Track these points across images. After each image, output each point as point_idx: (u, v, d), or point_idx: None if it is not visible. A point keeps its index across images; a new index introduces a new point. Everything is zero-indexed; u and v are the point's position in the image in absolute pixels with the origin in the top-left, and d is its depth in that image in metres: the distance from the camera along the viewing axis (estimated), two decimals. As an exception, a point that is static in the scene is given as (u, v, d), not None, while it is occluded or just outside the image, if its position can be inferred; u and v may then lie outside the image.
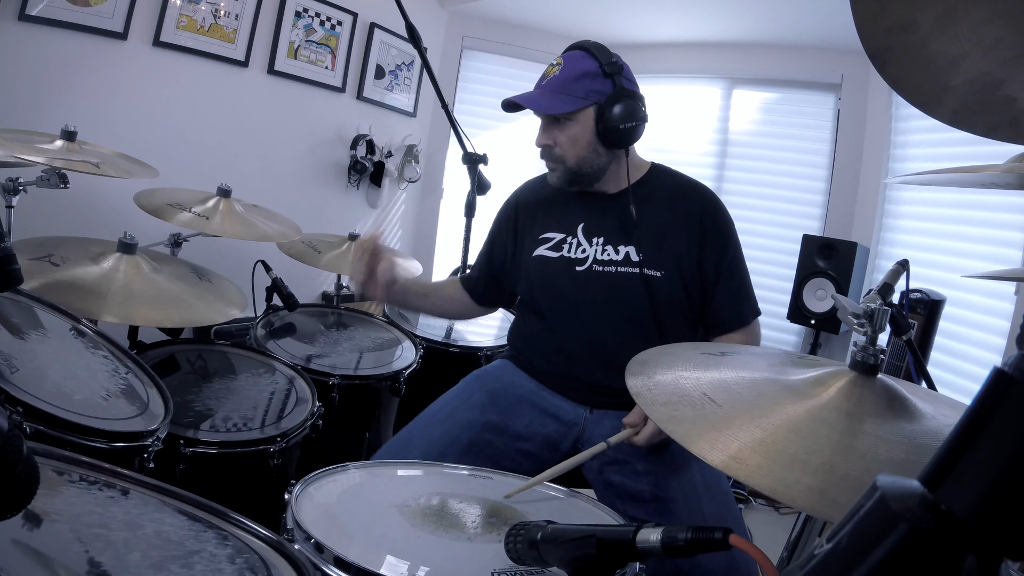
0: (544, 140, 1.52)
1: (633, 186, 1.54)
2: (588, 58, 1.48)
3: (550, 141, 1.51)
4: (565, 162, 1.51)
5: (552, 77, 1.49)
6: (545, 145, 1.52)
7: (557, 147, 1.51)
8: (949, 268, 2.84)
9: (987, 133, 0.64)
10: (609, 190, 1.57)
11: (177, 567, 0.77)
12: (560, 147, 1.51)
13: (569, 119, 1.48)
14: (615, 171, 1.54)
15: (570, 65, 1.48)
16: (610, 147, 1.50)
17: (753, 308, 1.56)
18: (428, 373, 2.13)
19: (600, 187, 1.57)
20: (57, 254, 1.54)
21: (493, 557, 0.89)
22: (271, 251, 2.34)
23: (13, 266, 0.75)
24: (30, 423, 0.98)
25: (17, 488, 0.53)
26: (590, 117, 1.48)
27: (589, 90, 1.47)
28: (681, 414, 0.79)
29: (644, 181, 1.57)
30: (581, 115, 1.48)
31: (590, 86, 1.47)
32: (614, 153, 1.52)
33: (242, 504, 0.97)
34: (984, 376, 0.37)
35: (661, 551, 0.70)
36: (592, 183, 1.55)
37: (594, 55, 1.48)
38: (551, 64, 1.51)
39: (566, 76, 1.47)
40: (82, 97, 2.57)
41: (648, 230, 1.51)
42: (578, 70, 1.47)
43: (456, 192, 4.04)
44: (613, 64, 1.47)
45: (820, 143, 3.65)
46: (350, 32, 3.48)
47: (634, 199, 1.51)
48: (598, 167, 1.52)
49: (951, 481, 0.36)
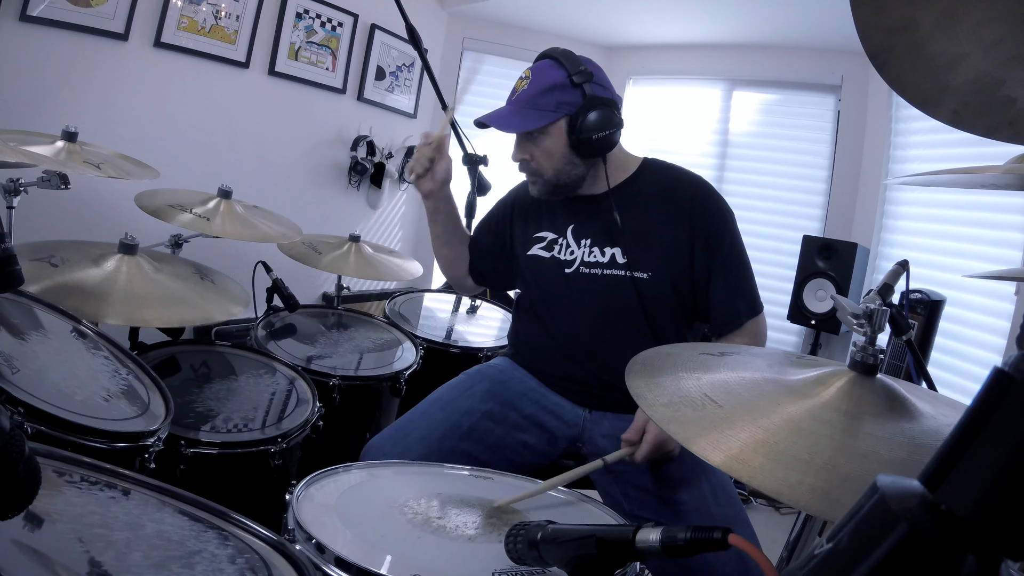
0: (520, 155, 1.52)
1: (618, 187, 1.53)
2: (556, 68, 1.46)
3: (526, 155, 1.51)
4: (543, 175, 1.51)
5: (521, 92, 1.47)
6: (522, 160, 1.52)
7: (533, 161, 1.50)
8: (949, 268, 2.84)
9: (987, 133, 0.64)
10: (595, 191, 1.55)
11: (178, 567, 0.77)
12: (536, 161, 1.50)
13: (542, 133, 1.47)
14: (598, 175, 1.53)
15: (538, 78, 1.46)
16: (586, 156, 1.48)
17: (752, 306, 1.51)
18: (428, 374, 2.13)
19: (585, 191, 1.56)
20: (57, 256, 1.54)
21: (493, 557, 0.89)
22: (272, 252, 2.34)
23: (14, 267, 0.76)
24: (31, 423, 0.98)
25: (19, 488, 0.53)
26: (562, 129, 1.46)
27: (559, 102, 1.45)
28: (683, 415, 0.79)
29: (632, 180, 1.55)
30: (553, 128, 1.46)
31: (559, 98, 1.44)
32: (592, 160, 1.50)
33: (243, 504, 0.97)
34: (984, 376, 0.37)
35: (661, 551, 0.70)
36: (574, 191, 1.54)
37: (562, 64, 1.45)
38: (520, 78, 1.50)
39: (535, 90, 1.46)
40: (83, 98, 2.58)
41: (633, 232, 1.50)
42: (546, 83, 1.45)
43: (456, 193, 4.02)
44: (582, 72, 1.44)
45: (820, 144, 3.65)
46: (351, 33, 3.48)
47: (618, 201, 1.50)
48: (577, 176, 1.51)
49: (951, 481, 0.36)
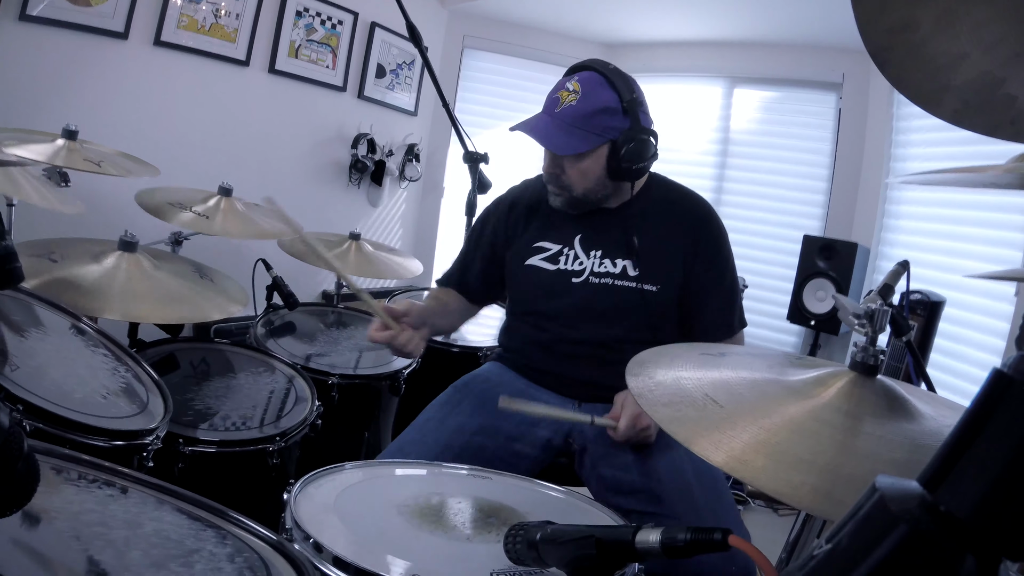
0: (553, 169, 1.49)
1: (630, 201, 1.53)
2: (607, 89, 1.42)
3: (558, 170, 1.48)
4: (571, 191, 1.49)
5: (568, 107, 1.42)
6: (552, 173, 1.49)
7: (565, 176, 1.48)
8: (949, 268, 2.83)
9: (988, 132, 0.64)
10: (610, 205, 1.55)
11: (177, 566, 0.77)
12: (568, 177, 1.47)
13: (577, 160, 1.44)
14: (619, 193, 1.53)
15: (590, 96, 1.41)
16: (618, 180, 1.48)
17: (740, 320, 1.57)
18: (428, 373, 2.13)
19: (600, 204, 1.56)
20: (57, 252, 1.54)
21: (492, 557, 0.89)
22: (271, 250, 2.34)
23: (14, 264, 0.75)
24: (30, 421, 0.98)
25: (17, 485, 0.53)
26: (603, 154, 1.44)
27: (607, 126, 1.41)
28: (684, 415, 0.78)
29: (643, 193, 1.55)
30: (595, 152, 1.44)
31: (608, 122, 1.41)
32: (620, 183, 1.50)
33: (241, 503, 0.97)
34: (983, 377, 0.37)
35: (660, 552, 0.70)
36: (595, 207, 1.53)
37: (614, 85, 1.42)
38: (566, 89, 1.43)
39: (584, 110, 1.41)
40: (83, 96, 2.57)
41: (645, 245, 1.50)
42: (598, 104, 1.41)
43: (457, 191, 4.03)
44: (633, 100, 1.42)
45: (821, 143, 3.64)
46: (351, 31, 3.47)
47: (631, 215, 1.51)
48: (603, 196, 1.51)
49: (950, 482, 0.36)
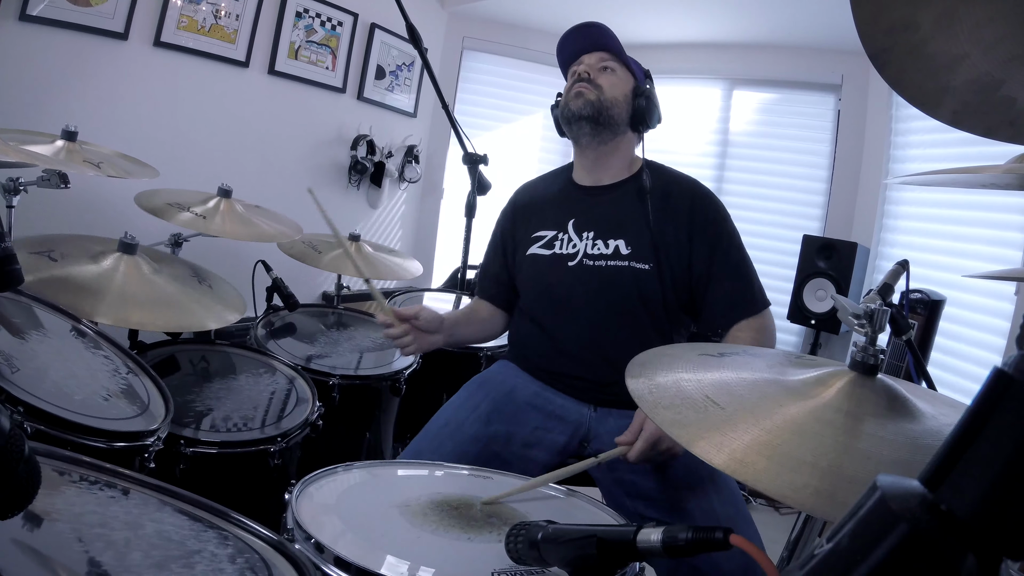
0: (587, 69, 1.57)
1: (623, 182, 1.58)
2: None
3: (595, 73, 1.57)
4: (601, 93, 1.55)
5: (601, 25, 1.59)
6: (587, 73, 1.56)
7: (602, 76, 1.57)
8: (949, 268, 2.84)
9: (987, 133, 0.64)
10: (603, 181, 1.58)
11: (178, 567, 0.77)
12: (604, 78, 1.56)
13: (615, 69, 1.57)
14: (616, 154, 1.58)
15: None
16: (633, 118, 1.57)
17: (753, 302, 1.49)
18: (428, 373, 2.13)
19: (588, 182, 1.60)
20: (57, 250, 1.54)
21: (493, 557, 0.89)
22: (271, 251, 2.34)
23: (14, 266, 0.75)
24: (31, 423, 0.98)
25: (19, 488, 0.53)
26: (631, 83, 1.58)
27: (635, 67, 1.60)
28: (684, 417, 0.78)
29: (635, 177, 1.58)
30: (626, 73, 1.58)
31: (635, 66, 1.60)
32: (627, 129, 1.58)
33: (242, 504, 0.97)
34: (984, 376, 0.37)
35: (662, 551, 0.70)
36: (600, 129, 1.55)
37: None
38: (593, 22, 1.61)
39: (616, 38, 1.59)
40: (83, 97, 2.57)
41: (637, 224, 1.51)
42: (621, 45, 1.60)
43: (456, 192, 4.04)
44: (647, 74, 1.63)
45: (820, 143, 3.65)
46: (351, 32, 3.48)
47: (622, 195, 1.56)
48: (617, 118, 1.56)
49: (951, 481, 0.36)
